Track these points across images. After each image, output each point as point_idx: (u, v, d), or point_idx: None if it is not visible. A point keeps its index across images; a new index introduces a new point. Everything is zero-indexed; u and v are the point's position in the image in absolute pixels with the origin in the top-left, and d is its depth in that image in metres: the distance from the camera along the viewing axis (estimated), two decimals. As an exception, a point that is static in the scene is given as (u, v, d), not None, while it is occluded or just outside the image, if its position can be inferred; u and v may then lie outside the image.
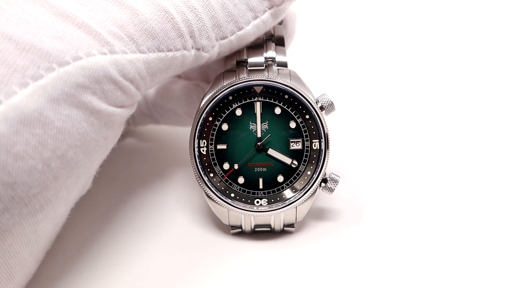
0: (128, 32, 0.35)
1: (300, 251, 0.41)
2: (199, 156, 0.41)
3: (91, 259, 0.41)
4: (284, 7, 0.42)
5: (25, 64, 0.31)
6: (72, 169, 0.33)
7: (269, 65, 0.43)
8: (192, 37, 0.38)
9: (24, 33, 0.32)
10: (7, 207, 0.30)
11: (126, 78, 0.35)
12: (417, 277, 0.38)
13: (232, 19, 0.39)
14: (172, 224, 0.44)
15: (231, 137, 0.42)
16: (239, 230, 0.42)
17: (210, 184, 0.41)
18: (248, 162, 0.42)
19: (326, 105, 0.41)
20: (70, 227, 0.42)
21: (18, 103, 0.30)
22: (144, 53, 0.36)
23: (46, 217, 0.33)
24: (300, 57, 0.57)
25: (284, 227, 0.42)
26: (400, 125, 0.55)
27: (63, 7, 0.34)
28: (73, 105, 0.32)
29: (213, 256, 0.41)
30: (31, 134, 0.31)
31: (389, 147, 0.52)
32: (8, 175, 0.30)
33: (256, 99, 0.41)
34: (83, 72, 0.32)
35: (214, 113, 0.41)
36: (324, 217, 0.44)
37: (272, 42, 0.44)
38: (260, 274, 0.39)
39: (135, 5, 0.36)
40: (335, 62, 0.65)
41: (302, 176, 0.42)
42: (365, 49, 0.67)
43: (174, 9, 0.37)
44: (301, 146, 0.42)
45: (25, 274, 0.34)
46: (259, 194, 0.42)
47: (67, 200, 0.34)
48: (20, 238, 0.32)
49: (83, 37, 0.33)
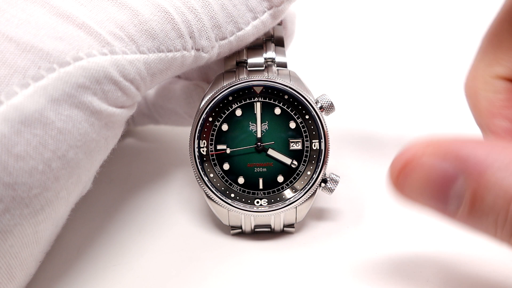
0: (129, 32, 0.35)
1: (300, 252, 0.41)
2: (199, 156, 0.41)
3: (91, 259, 0.41)
4: (284, 8, 0.42)
5: (25, 65, 0.31)
6: (72, 169, 0.33)
7: (268, 65, 0.43)
8: (192, 37, 0.38)
9: (24, 33, 0.32)
10: (8, 208, 0.30)
11: (127, 79, 0.35)
12: (417, 277, 0.38)
13: (231, 19, 0.39)
14: (172, 225, 0.44)
15: (231, 137, 0.42)
16: (239, 231, 0.42)
17: (210, 184, 0.41)
18: (248, 162, 0.42)
19: (326, 106, 0.41)
20: (70, 227, 0.42)
21: (19, 103, 0.30)
22: (144, 54, 0.36)
23: (47, 218, 0.33)
24: (299, 58, 0.57)
25: (284, 228, 0.42)
26: (400, 125, 0.55)
27: (63, 7, 0.34)
28: (73, 105, 0.32)
29: (213, 256, 0.41)
30: (32, 134, 0.31)
31: (389, 147, 0.52)
32: (9, 175, 0.30)
33: (256, 100, 0.41)
34: (83, 73, 0.32)
35: (214, 113, 0.41)
36: (324, 217, 0.44)
37: (272, 42, 0.44)
38: (260, 274, 0.39)
39: (135, 6, 0.36)
40: (335, 63, 0.65)
41: (302, 176, 0.42)
42: (365, 49, 0.67)
43: (174, 9, 0.37)
44: (301, 146, 0.42)
45: (25, 275, 0.34)
46: (259, 194, 0.42)
47: (67, 201, 0.34)
48: (21, 239, 0.32)
49: (83, 37, 0.33)
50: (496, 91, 0.38)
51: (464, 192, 0.29)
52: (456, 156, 0.29)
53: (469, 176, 0.29)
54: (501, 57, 0.39)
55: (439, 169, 0.30)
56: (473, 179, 0.29)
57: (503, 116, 0.38)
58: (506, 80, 0.39)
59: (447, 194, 0.30)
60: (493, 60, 0.39)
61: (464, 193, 0.29)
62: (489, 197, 0.28)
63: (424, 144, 0.31)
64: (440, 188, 0.30)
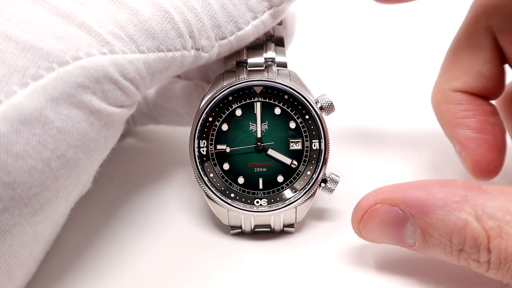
0: (128, 32, 0.35)
1: (300, 252, 0.41)
2: (199, 156, 0.41)
3: (91, 258, 0.41)
4: (284, 8, 0.42)
5: (25, 64, 0.31)
6: (72, 169, 0.33)
7: (268, 65, 0.43)
8: (191, 37, 0.38)
9: (24, 32, 0.32)
10: (7, 207, 0.30)
11: (126, 78, 0.35)
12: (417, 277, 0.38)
13: (231, 19, 0.39)
14: (172, 224, 0.44)
15: (231, 137, 0.42)
16: (239, 231, 0.42)
17: (210, 184, 0.41)
18: (248, 162, 0.42)
19: (326, 106, 0.41)
20: (70, 227, 0.42)
21: (18, 103, 0.30)
22: (144, 53, 0.36)
23: (46, 217, 0.33)
24: (300, 58, 0.57)
25: (284, 228, 0.42)
26: (400, 124, 0.55)
27: (63, 7, 0.34)
28: (73, 105, 0.32)
29: (213, 256, 0.41)
30: (31, 134, 0.31)
31: (389, 147, 0.52)
32: (8, 174, 0.30)
33: (256, 100, 0.41)
34: (83, 72, 0.32)
35: (214, 113, 0.41)
36: (324, 217, 0.44)
37: (272, 42, 0.44)
38: (260, 274, 0.39)
39: (135, 5, 0.36)
40: (335, 63, 0.65)
41: (302, 176, 0.42)
42: (365, 49, 0.67)
43: (173, 9, 0.37)
44: (301, 146, 0.42)
45: (25, 274, 0.34)
46: (259, 194, 0.42)
47: (67, 200, 0.34)
48: (20, 238, 0.32)
49: (83, 37, 0.33)
50: (456, 103, 0.43)
51: (416, 230, 0.35)
52: (403, 201, 0.35)
53: (416, 217, 0.34)
54: (458, 73, 0.43)
55: (392, 213, 0.35)
56: (420, 219, 0.34)
57: (464, 125, 0.43)
58: (464, 93, 0.43)
59: (402, 233, 0.35)
60: (452, 76, 0.44)
61: (416, 231, 0.35)
62: (435, 233, 0.34)
63: (377, 192, 0.36)
64: (396, 230, 0.36)
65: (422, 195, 0.34)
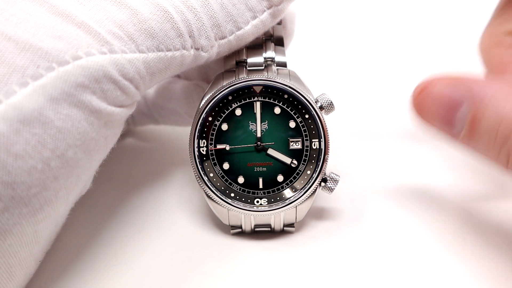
0: (128, 31, 0.35)
1: (300, 251, 0.41)
2: (199, 156, 0.41)
3: (91, 258, 0.41)
4: (283, 7, 0.42)
5: (24, 64, 0.31)
6: (72, 168, 0.33)
7: (268, 65, 0.43)
8: (191, 36, 0.38)
9: (23, 32, 0.32)
10: (7, 207, 0.30)
11: (126, 78, 0.35)
12: (417, 277, 0.38)
13: (231, 19, 0.39)
14: (172, 224, 0.44)
15: (231, 137, 0.42)
16: (239, 230, 0.42)
17: (210, 183, 0.41)
18: (248, 162, 0.42)
19: (326, 105, 0.41)
20: (70, 227, 0.42)
21: (17, 102, 0.30)
22: (143, 53, 0.36)
23: (46, 217, 0.33)
24: (299, 57, 0.57)
25: (284, 227, 0.42)
26: (400, 124, 0.55)
27: (62, 6, 0.34)
28: (72, 104, 0.32)
29: (213, 256, 0.41)
30: (31, 133, 0.31)
31: (389, 147, 0.52)
32: (8, 174, 0.30)
33: (255, 99, 0.41)
34: (82, 72, 0.32)
35: (213, 113, 0.41)
36: (324, 217, 0.44)
37: (271, 42, 0.44)
38: (260, 274, 0.39)
39: (135, 5, 0.36)
40: (334, 62, 0.65)
41: (302, 175, 0.42)
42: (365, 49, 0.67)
43: (173, 9, 0.37)
44: (301, 146, 0.42)
45: (25, 274, 0.34)
46: (259, 194, 0.42)
47: (67, 200, 0.34)
48: (20, 238, 0.32)
49: (82, 36, 0.33)
50: (508, 47, 0.42)
51: (467, 116, 0.34)
52: (464, 86, 0.34)
53: (471, 102, 0.34)
54: None
55: (448, 95, 0.35)
56: (474, 105, 0.34)
57: None
58: None
59: (453, 118, 0.35)
60: (506, 19, 0.42)
61: (467, 117, 0.34)
62: (484, 120, 0.33)
63: (440, 76, 0.36)
64: (448, 113, 0.35)
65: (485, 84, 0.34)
